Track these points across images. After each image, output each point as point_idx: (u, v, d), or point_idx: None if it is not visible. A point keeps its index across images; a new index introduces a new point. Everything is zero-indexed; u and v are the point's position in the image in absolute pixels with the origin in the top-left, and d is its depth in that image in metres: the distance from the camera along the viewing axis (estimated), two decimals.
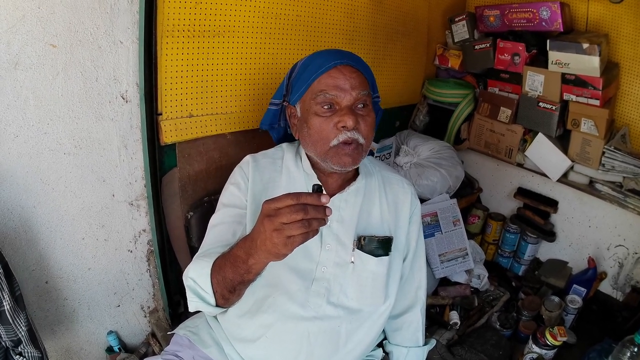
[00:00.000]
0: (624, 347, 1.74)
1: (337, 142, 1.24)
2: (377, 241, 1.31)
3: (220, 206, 1.34)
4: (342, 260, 1.30)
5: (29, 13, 1.34)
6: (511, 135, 2.54)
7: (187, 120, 1.69)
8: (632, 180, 2.18)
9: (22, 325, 1.40)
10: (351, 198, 1.34)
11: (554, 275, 2.54)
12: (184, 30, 1.59)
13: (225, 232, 1.25)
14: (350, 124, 1.21)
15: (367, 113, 1.27)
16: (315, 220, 0.86)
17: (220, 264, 1.07)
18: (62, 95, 1.48)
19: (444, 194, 2.37)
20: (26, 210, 1.53)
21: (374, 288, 1.33)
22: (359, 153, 1.26)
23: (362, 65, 1.33)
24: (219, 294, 1.09)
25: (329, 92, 1.24)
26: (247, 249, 0.97)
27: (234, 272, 1.02)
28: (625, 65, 2.25)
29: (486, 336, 2.12)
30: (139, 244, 1.86)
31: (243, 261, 0.99)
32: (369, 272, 1.32)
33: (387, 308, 1.37)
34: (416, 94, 2.85)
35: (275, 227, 0.86)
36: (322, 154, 1.27)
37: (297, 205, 0.85)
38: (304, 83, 1.30)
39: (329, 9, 2.04)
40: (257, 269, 1.00)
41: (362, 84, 1.27)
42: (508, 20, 2.38)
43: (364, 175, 1.40)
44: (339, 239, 1.31)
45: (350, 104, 1.24)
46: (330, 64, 1.27)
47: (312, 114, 1.27)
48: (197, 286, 1.11)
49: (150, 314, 2.01)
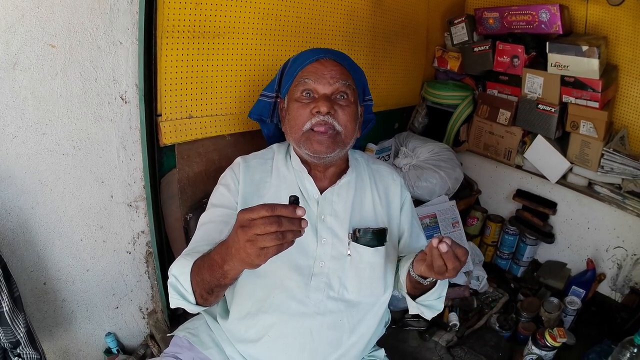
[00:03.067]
0: (623, 348, 1.74)
1: (309, 125, 1.28)
2: (372, 232, 1.32)
3: (209, 206, 1.36)
4: (338, 254, 1.32)
5: (28, 13, 1.34)
6: (510, 137, 2.54)
7: (186, 122, 1.68)
8: (630, 182, 2.19)
9: (20, 326, 1.40)
10: (343, 192, 1.37)
11: (553, 276, 2.54)
12: (184, 31, 1.59)
13: (212, 231, 1.26)
14: (323, 109, 1.26)
15: (347, 104, 1.32)
16: (289, 232, 0.85)
17: (199, 265, 1.08)
18: (61, 96, 1.48)
19: (443, 195, 2.37)
20: (24, 211, 1.53)
21: (372, 279, 1.35)
22: (334, 142, 1.29)
23: (349, 63, 1.40)
24: (198, 293, 1.10)
25: (308, 78, 1.30)
26: (223, 255, 0.98)
27: (211, 276, 1.04)
28: (624, 67, 2.25)
29: (485, 338, 2.12)
30: (138, 246, 1.85)
31: (219, 266, 1.00)
32: (367, 264, 1.33)
33: (386, 299, 1.40)
34: (415, 95, 2.85)
35: (249, 237, 0.85)
36: (297, 140, 1.32)
37: (271, 217, 0.84)
38: (291, 76, 1.37)
39: (329, 10, 2.04)
40: (232, 275, 1.01)
41: (343, 76, 1.32)
42: (507, 23, 2.39)
43: (354, 168, 1.43)
44: (334, 232, 1.33)
45: (328, 92, 1.30)
46: (314, 57, 1.34)
47: (293, 101, 1.33)
48: (178, 284, 1.12)
49: (149, 315, 2.00)
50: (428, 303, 1.31)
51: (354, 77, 1.37)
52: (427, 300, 1.30)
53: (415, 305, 1.32)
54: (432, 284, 1.25)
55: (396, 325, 2.12)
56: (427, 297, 1.29)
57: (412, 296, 1.32)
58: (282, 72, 1.46)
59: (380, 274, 1.35)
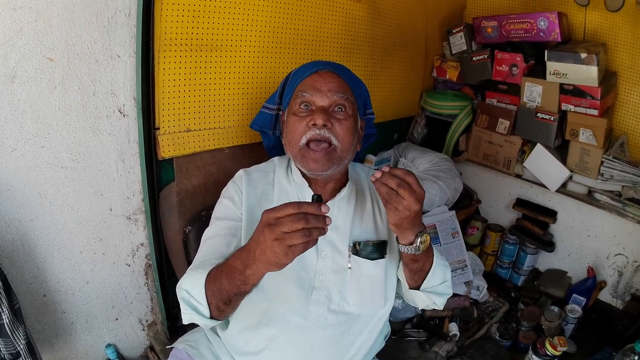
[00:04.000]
0: (624, 355, 1.74)
1: (305, 139, 1.27)
2: (372, 245, 1.32)
3: (214, 219, 1.35)
4: (339, 267, 1.32)
5: (26, 26, 1.35)
6: (509, 146, 2.54)
7: (184, 135, 1.69)
8: (631, 189, 2.18)
9: (21, 338, 1.40)
10: (343, 205, 1.37)
11: (554, 285, 2.53)
12: (182, 44, 1.60)
13: (219, 244, 1.25)
14: (319, 121, 1.24)
15: (345, 117, 1.30)
16: (315, 229, 0.87)
17: (215, 275, 1.07)
18: (59, 109, 1.49)
19: (442, 206, 2.36)
20: (24, 224, 1.53)
21: (373, 292, 1.34)
22: (329, 159, 1.27)
23: (348, 75, 1.38)
24: (214, 305, 1.09)
25: (306, 91, 1.29)
26: (244, 260, 0.98)
27: (230, 284, 1.03)
28: (623, 73, 2.25)
29: (486, 347, 2.11)
30: (137, 258, 1.85)
31: (240, 272, 0.99)
32: (367, 276, 1.33)
33: (387, 311, 1.39)
34: (414, 106, 2.85)
35: (277, 236, 0.87)
36: (294, 155, 1.31)
37: (298, 215, 0.86)
38: (291, 89, 1.36)
39: (327, 22, 2.05)
40: (254, 280, 1.01)
41: (342, 89, 1.31)
42: (506, 31, 2.39)
43: (354, 180, 1.42)
44: (335, 246, 1.32)
45: (325, 105, 1.28)
46: (313, 69, 1.33)
47: (291, 114, 1.33)
48: (191, 298, 1.11)
49: (149, 327, 2.00)
50: (434, 289, 1.31)
51: (353, 90, 1.35)
52: (431, 286, 1.30)
53: (424, 296, 1.32)
54: (425, 261, 1.26)
55: (396, 336, 2.12)
56: (430, 281, 1.29)
57: (416, 288, 1.32)
58: (283, 84, 1.46)
59: (381, 286, 1.35)
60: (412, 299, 1.39)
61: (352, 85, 1.36)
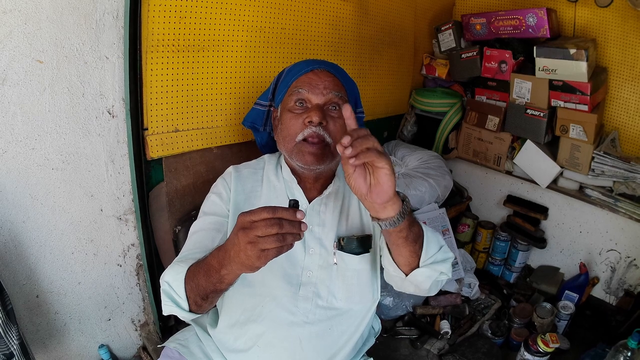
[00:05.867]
0: (617, 351, 1.75)
1: (302, 137, 1.28)
2: (356, 240, 1.33)
3: (201, 214, 1.36)
4: (325, 263, 1.33)
5: (16, 29, 1.36)
6: (499, 143, 2.55)
7: (173, 135, 1.70)
8: (622, 184, 2.19)
9: (14, 339, 1.41)
10: (330, 201, 1.38)
11: (546, 281, 2.55)
12: (169, 45, 1.61)
13: (204, 239, 1.27)
14: (315, 118, 1.26)
15: (339, 115, 1.31)
16: (289, 234, 0.87)
17: (194, 271, 1.08)
18: (49, 111, 1.50)
19: (432, 203, 2.37)
20: (16, 225, 1.54)
21: (360, 286, 1.36)
22: (324, 154, 1.29)
23: (342, 75, 1.40)
24: (192, 300, 1.10)
25: (302, 88, 1.31)
26: (220, 259, 0.99)
27: (207, 281, 1.04)
28: (613, 69, 2.27)
29: (478, 345, 2.12)
30: (128, 258, 1.86)
31: (216, 270, 1.00)
32: (353, 271, 1.34)
33: (374, 303, 1.40)
34: (403, 104, 2.86)
35: (250, 239, 0.87)
36: (289, 151, 1.32)
37: (272, 219, 0.86)
38: (285, 86, 1.38)
39: (314, 21, 2.06)
40: (229, 280, 1.01)
41: (336, 88, 1.33)
42: (494, 28, 2.40)
43: (340, 177, 1.43)
44: (322, 242, 1.33)
45: (321, 102, 1.30)
46: (309, 67, 1.34)
47: (286, 111, 1.34)
48: (171, 290, 1.12)
49: (141, 327, 2.01)
50: (435, 258, 1.20)
51: (346, 89, 1.38)
52: (432, 255, 1.20)
53: (429, 270, 1.19)
54: (414, 223, 1.15)
55: (387, 334, 2.13)
56: (428, 250, 1.19)
57: (416, 266, 1.21)
58: (276, 81, 1.47)
59: (368, 280, 1.37)
60: (415, 284, 1.25)
61: (345, 84, 1.38)
